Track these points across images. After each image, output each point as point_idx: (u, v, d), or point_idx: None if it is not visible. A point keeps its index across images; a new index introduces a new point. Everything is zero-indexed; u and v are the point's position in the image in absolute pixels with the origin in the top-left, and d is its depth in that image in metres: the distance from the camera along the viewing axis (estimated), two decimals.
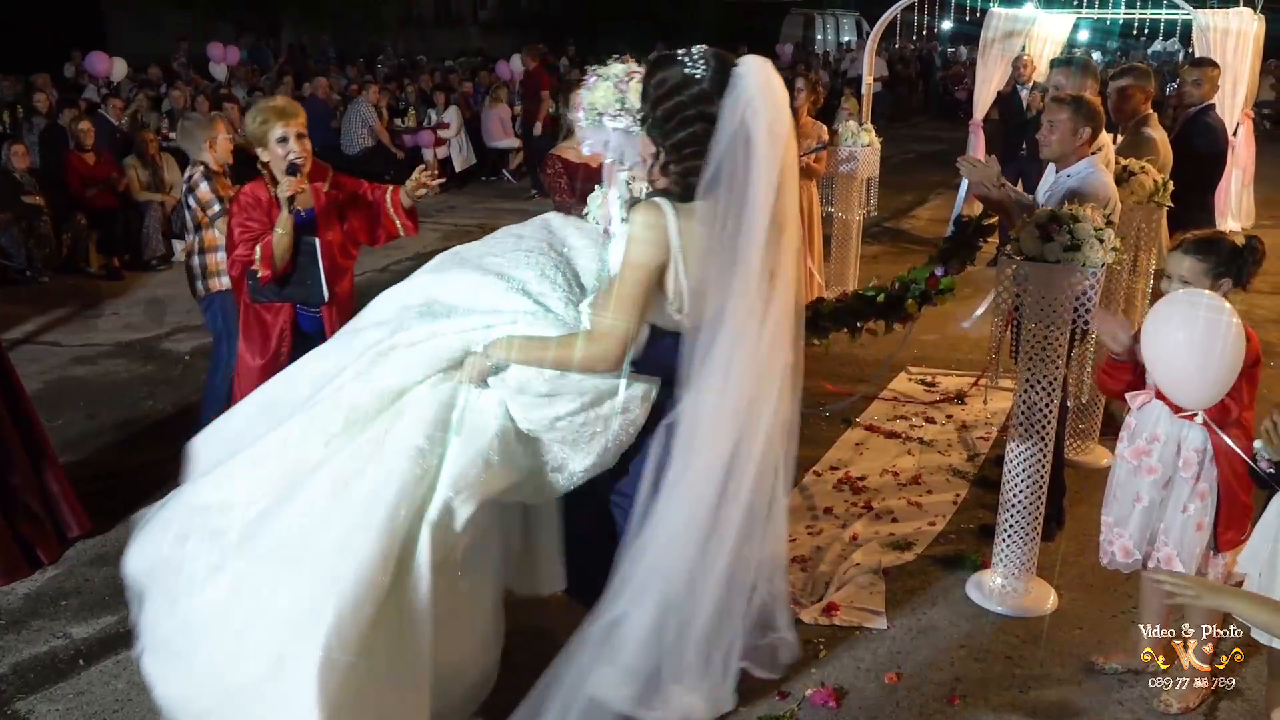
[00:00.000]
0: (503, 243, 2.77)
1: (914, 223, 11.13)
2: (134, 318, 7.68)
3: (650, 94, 2.43)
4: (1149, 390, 3.15)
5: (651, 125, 2.44)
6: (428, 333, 2.56)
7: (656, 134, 2.43)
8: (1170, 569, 3.09)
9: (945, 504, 4.66)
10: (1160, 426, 3.13)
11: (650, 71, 2.43)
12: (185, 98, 11.94)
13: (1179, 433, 3.09)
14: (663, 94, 2.39)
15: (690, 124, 2.37)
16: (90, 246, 8.87)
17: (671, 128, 2.39)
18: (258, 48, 19.66)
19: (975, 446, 5.29)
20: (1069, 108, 4.10)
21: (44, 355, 6.72)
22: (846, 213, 7.38)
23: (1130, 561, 3.24)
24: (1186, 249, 3.08)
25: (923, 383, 6.21)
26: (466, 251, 2.79)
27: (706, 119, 2.35)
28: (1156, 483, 3.14)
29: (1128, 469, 3.23)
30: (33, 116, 10.69)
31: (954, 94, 20.57)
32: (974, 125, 9.95)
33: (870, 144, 7.20)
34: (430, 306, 2.63)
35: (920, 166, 14.46)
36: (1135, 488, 3.20)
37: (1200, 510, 3.09)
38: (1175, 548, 3.12)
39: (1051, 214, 3.55)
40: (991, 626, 3.72)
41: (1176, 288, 3.03)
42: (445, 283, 2.68)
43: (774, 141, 2.34)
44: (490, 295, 2.59)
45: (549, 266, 2.64)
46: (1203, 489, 3.09)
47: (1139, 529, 3.19)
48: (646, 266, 2.38)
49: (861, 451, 5.23)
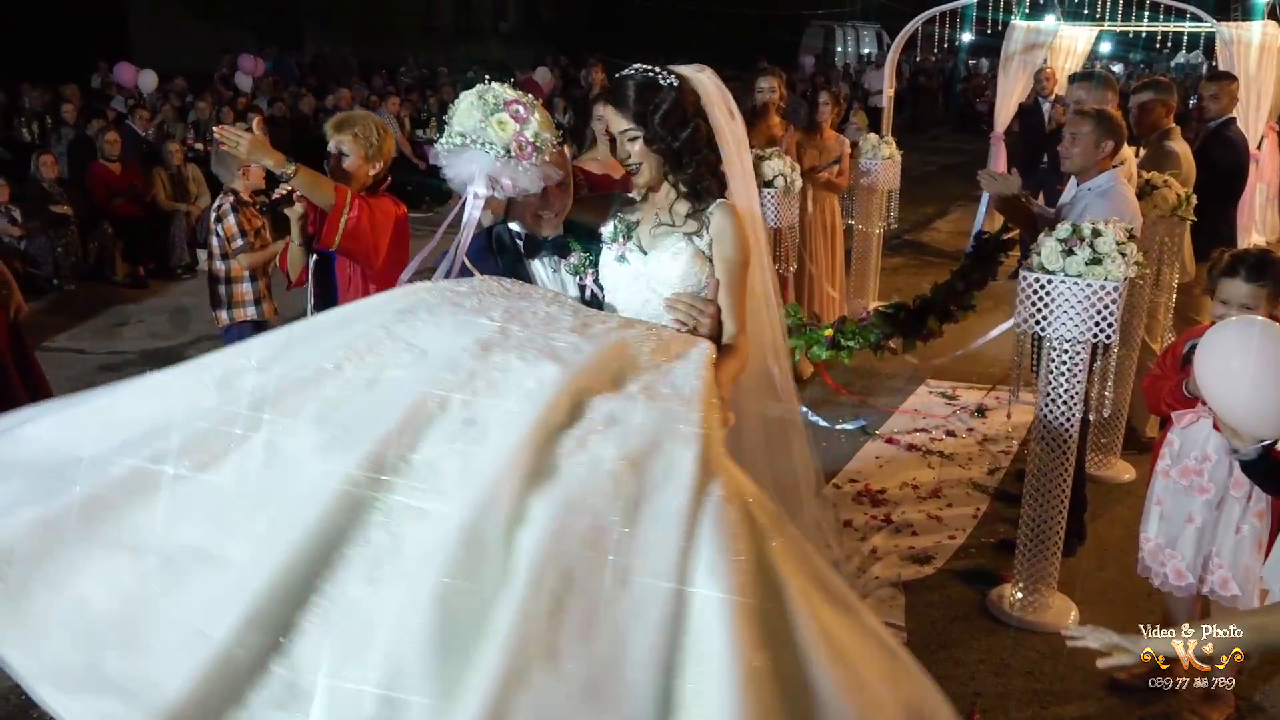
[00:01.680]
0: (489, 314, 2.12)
1: (935, 235, 11.11)
2: (159, 326, 7.77)
3: (641, 108, 2.42)
4: (1195, 410, 3.11)
5: (653, 138, 2.42)
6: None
7: (661, 146, 2.43)
8: (1228, 592, 3.07)
9: (965, 518, 4.65)
10: (1210, 445, 3.10)
11: (639, 91, 2.42)
12: (211, 109, 12.07)
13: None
14: (657, 105, 2.41)
15: (688, 123, 2.43)
16: (116, 255, 8.98)
17: (677, 133, 2.42)
18: (282, 59, 19.85)
19: (996, 460, 5.27)
20: (1092, 120, 4.10)
21: (71, 362, 6.81)
22: (867, 225, 7.39)
23: (1184, 585, 3.20)
24: (1240, 273, 3.01)
25: (943, 396, 6.20)
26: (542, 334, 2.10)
27: (700, 115, 2.46)
28: (1209, 503, 3.12)
29: (1175, 488, 3.20)
30: (61, 127, 10.83)
31: (975, 106, 20.53)
32: (995, 138, 9.94)
33: (890, 157, 7.20)
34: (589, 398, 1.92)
35: (941, 179, 14.43)
36: (1186, 508, 3.17)
37: (1258, 530, 3.06)
38: (1230, 570, 3.09)
39: (1073, 228, 3.54)
40: (1012, 641, 3.71)
41: (1233, 314, 2.94)
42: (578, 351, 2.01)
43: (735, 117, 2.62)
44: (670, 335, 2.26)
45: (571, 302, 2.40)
46: (1259, 508, 3.05)
47: (1193, 551, 3.16)
48: (749, 258, 2.51)
49: (881, 464, 5.22)
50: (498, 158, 2.37)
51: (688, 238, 2.46)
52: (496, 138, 2.37)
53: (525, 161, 2.38)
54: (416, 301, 2.15)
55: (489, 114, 2.38)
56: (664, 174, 2.48)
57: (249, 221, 4.77)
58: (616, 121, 2.45)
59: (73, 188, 9.08)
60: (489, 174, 2.41)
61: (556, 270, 2.71)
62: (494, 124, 2.38)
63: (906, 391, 6.18)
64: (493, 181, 2.42)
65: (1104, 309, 3.51)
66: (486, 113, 2.39)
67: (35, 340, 6.99)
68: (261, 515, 1.71)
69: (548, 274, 2.71)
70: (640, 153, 2.45)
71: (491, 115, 2.38)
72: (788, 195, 5.51)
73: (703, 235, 2.47)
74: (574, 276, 2.68)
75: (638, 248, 2.53)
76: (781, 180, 5.47)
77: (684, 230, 2.47)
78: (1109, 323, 3.51)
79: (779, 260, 5.78)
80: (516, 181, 2.41)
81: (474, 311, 2.12)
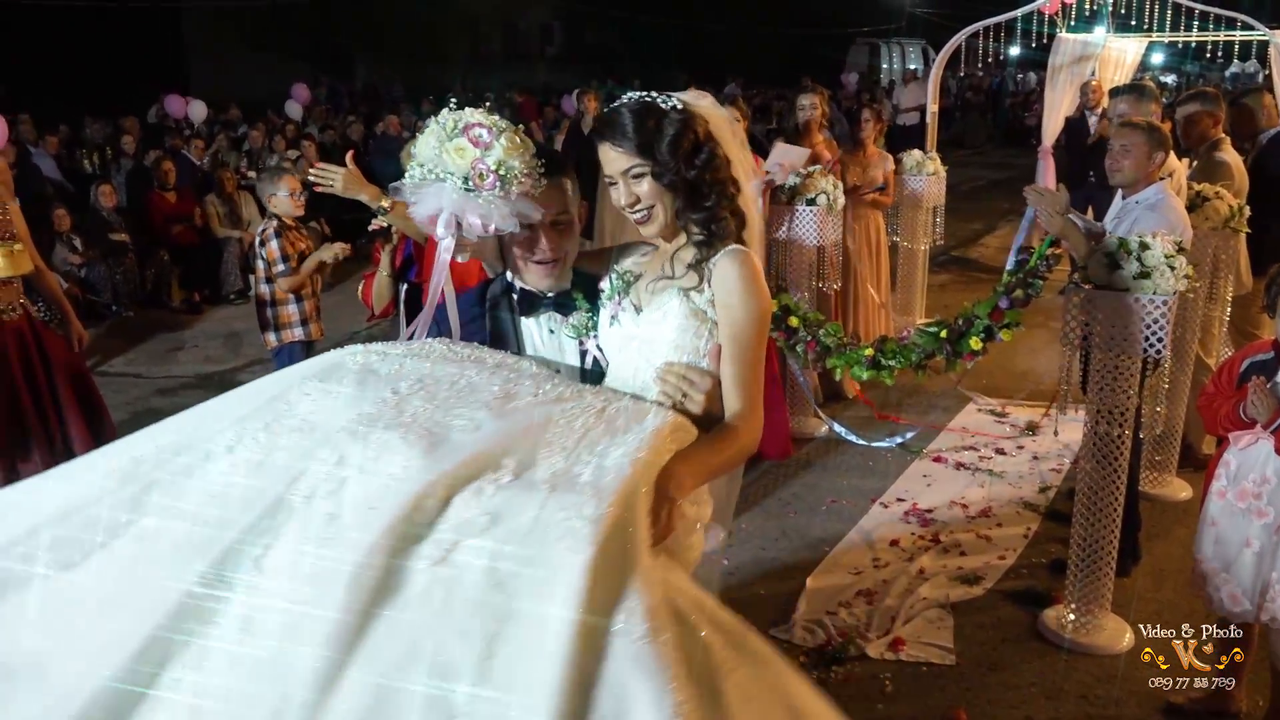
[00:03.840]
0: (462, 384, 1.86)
1: (983, 251, 10.99)
2: (213, 350, 7.93)
3: (645, 138, 1.99)
4: (1254, 431, 3.04)
5: (664, 169, 2.00)
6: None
7: (674, 178, 2.01)
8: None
9: (1016, 537, 4.57)
10: (1270, 468, 3.02)
11: (637, 118, 2.00)
12: (264, 137, 12.34)
13: None
14: (662, 130, 2.00)
15: (702, 148, 2.02)
16: (172, 281, 9.21)
17: (691, 159, 2.01)
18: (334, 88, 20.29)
19: (1047, 478, 5.18)
20: (1143, 132, 4.04)
21: (128, 386, 6.97)
22: (912, 242, 7.33)
23: (1240, 610, 3.12)
24: None
25: (991, 413, 6.11)
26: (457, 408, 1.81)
27: (713, 140, 2.04)
28: (1268, 527, 3.04)
29: (1232, 511, 3.12)
30: (120, 158, 11.15)
31: (1023, 120, 20.31)
32: (1043, 152, 9.82)
33: (935, 173, 7.15)
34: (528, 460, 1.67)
35: (989, 194, 14.28)
36: (1244, 532, 3.09)
37: None
38: None
39: (1120, 241, 3.49)
40: (1064, 664, 3.63)
41: None
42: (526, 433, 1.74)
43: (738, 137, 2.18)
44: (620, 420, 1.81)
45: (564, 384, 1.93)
46: None
47: (1250, 576, 3.08)
48: (767, 321, 2.05)
49: (929, 483, 5.16)
50: (455, 190, 2.05)
51: (684, 294, 2.02)
52: (454, 166, 2.05)
53: (486, 193, 2.03)
54: (332, 366, 1.89)
55: (445, 140, 2.07)
56: (678, 216, 2.04)
57: (291, 245, 4.86)
58: (616, 160, 2.02)
59: (130, 217, 9.34)
60: (451, 210, 2.07)
61: (554, 332, 2.24)
62: (451, 150, 2.06)
63: (954, 409, 6.10)
64: (455, 219, 2.08)
65: (1153, 323, 3.44)
66: (442, 139, 2.07)
67: (94, 365, 7.19)
68: (104, 625, 1.51)
69: (542, 336, 2.25)
70: (650, 191, 2.01)
71: (449, 141, 2.06)
72: (830, 212, 5.49)
73: (703, 290, 2.01)
74: (574, 339, 2.23)
75: (632, 306, 2.11)
76: (824, 198, 5.45)
77: (681, 284, 2.03)
78: (1159, 337, 3.45)
79: (822, 278, 5.76)
80: (486, 219, 2.06)
81: (384, 379, 1.83)
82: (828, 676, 3.55)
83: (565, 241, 2.18)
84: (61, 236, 8.49)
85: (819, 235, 5.48)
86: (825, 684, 3.50)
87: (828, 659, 3.65)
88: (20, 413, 4.06)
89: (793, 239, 5.51)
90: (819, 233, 5.47)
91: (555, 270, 2.19)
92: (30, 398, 4.09)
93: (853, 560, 4.37)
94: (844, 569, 4.30)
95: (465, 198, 2.05)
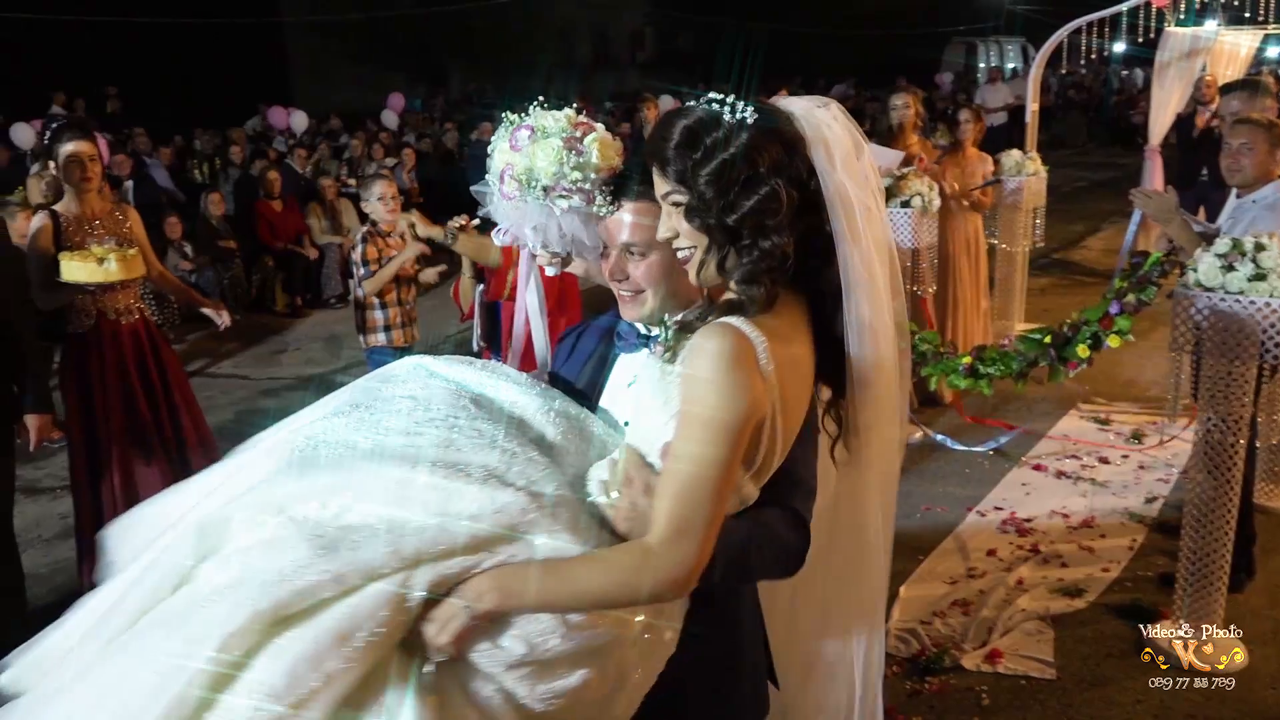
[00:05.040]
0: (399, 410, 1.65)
1: (1085, 254, 10.66)
2: (314, 353, 8.19)
3: (684, 163, 1.55)
4: None
5: (697, 206, 1.56)
6: (356, 575, 1.44)
7: (707, 221, 1.56)
8: None
9: (1120, 549, 4.41)
10: None
11: (687, 136, 1.55)
12: (363, 146, 12.69)
13: None
14: (707, 154, 1.54)
15: (756, 186, 1.53)
16: (276, 286, 9.53)
17: (730, 198, 1.53)
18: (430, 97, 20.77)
19: (1154, 489, 4.99)
20: (1263, 130, 3.87)
21: (234, 388, 7.24)
22: (1012, 244, 7.15)
23: None
24: None
25: (1095, 420, 5.91)
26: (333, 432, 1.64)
27: (778, 172, 1.54)
28: None
29: None
30: (229, 168, 11.60)
31: (1129, 118, 19.63)
32: (1150, 151, 9.47)
33: (1035, 173, 6.96)
34: (346, 535, 1.47)
35: (1091, 195, 13.86)
36: None
37: None
38: None
39: (1233, 242, 3.35)
40: (1172, 683, 3.49)
41: None
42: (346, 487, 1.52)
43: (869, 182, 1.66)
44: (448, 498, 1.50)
45: (501, 435, 1.60)
46: None
47: None
48: (731, 427, 1.46)
49: (1028, 492, 5.02)
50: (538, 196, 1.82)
51: (663, 370, 1.60)
52: (544, 170, 1.82)
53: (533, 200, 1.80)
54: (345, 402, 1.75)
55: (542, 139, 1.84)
56: (720, 269, 1.60)
57: (377, 250, 4.97)
58: (658, 184, 1.62)
59: (238, 224, 9.70)
60: (534, 223, 1.84)
61: (632, 384, 1.82)
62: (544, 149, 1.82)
63: (1054, 416, 5.93)
64: (542, 232, 1.85)
65: (1269, 328, 3.29)
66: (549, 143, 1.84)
67: (203, 367, 7.49)
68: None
69: (624, 382, 1.84)
70: (689, 230, 1.59)
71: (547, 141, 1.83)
72: (925, 215, 5.39)
73: (674, 363, 1.57)
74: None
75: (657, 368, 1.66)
76: (919, 200, 5.36)
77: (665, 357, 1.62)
78: (1275, 343, 3.29)
79: (918, 282, 5.66)
80: (567, 231, 1.81)
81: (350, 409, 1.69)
82: (921, 687, 3.48)
83: (643, 270, 1.75)
84: (173, 243, 8.87)
85: (914, 238, 5.39)
86: (919, 695, 3.44)
87: (922, 669, 3.58)
88: (137, 417, 4.22)
89: None
90: (914, 235, 5.38)
91: (635, 303, 1.78)
92: (146, 402, 4.25)
93: (948, 569, 4.28)
94: (939, 578, 4.21)
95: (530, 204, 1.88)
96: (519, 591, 1.45)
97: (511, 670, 1.48)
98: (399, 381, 1.73)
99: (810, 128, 1.59)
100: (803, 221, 1.57)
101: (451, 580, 1.46)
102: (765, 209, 1.53)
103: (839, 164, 1.59)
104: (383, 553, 1.44)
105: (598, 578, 1.47)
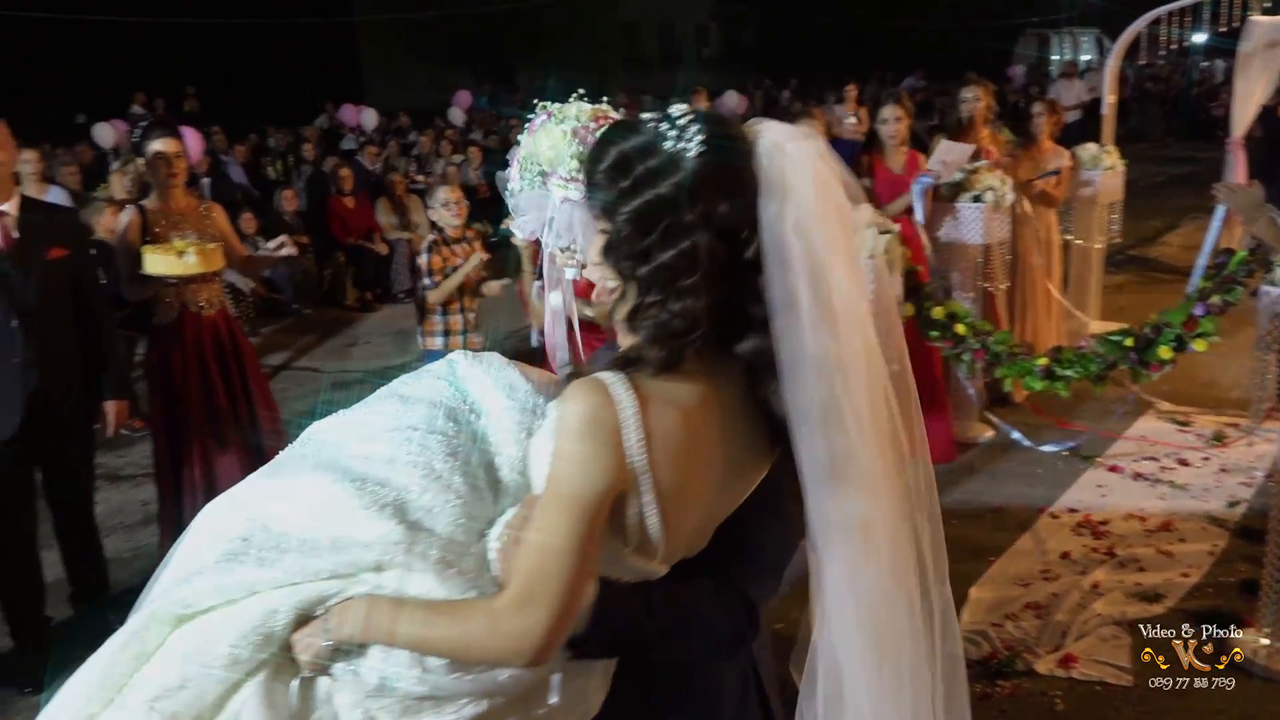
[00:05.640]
0: (381, 411, 1.62)
1: (1164, 250, 10.38)
2: (383, 347, 8.33)
3: (608, 195, 1.39)
4: None
5: (613, 246, 1.40)
6: (237, 588, 1.44)
7: (619, 258, 1.40)
8: None
9: (1200, 554, 4.29)
10: None
11: (617, 163, 1.38)
12: (431, 143, 12.86)
13: None
14: (629, 191, 1.36)
15: (676, 238, 1.34)
16: (347, 281, 9.70)
17: (645, 245, 1.36)
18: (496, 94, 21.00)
19: (1236, 493, 4.84)
20: None
21: (306, 380, 7.40)
22: (1087, 240, 6.98)
23: None
24: None
25: (1174, 421, 5.75)
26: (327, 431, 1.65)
27: (707, 224, 1.33)
28: None
29: None
30: (301, 165, 11.84)
31: (1209, 111, 19.06)
32: (1233, 145, 9.17)
33: (1112, 167, 6.79)
34: (250, 539, 1.48)
35: (1170, 190, 13.48)
36: None
37: None
38: None
39: None
40: (1256, 693, 3.38)
41: None
42: (284, 495, 1.53)
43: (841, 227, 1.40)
44: (339, 518, 1.46)
45: (440, 456, 1.50)
46: None
47: None
48: (582, 499, 1.34)
49: (1104, 494, 4.90)
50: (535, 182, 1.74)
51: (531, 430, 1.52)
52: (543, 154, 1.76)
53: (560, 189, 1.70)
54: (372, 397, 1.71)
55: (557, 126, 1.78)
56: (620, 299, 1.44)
57: (442, 260, 5.01)
58: (587, 203, 1.49)
59: (310, 219, 9.89)
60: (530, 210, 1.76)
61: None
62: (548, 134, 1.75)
63: (1132, 415, 5.78)
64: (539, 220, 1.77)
65: None
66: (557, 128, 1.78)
67: (277, 360, 7.67)
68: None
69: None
70: (607, 264, 1.43)
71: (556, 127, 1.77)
72: (997, 210, 5.30)
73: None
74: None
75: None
76: (991, 194, 5.26)
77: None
78: None
79: (990, 278, 5.56)
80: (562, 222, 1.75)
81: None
82: (992, 690, 3.42)
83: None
84: (248, 239, 9.07)
85: (985, 233, 5.29)
86: (990, 698, 3.38)
87: (992, 672, 3.52)
88: (217, 406, 4.34)
89: (954, 239, 5.33)
90: (985, 231, 5.29)
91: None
92: (225, 392, 4.36)
93: (1020, 571, 4.20)
94: (1011, 580, 4.13)
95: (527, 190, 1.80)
96: (378, 625, 1.39)
97: (371, 699, 1.43)
98: (416, 380, 1.66)
99: (770, 169, 1.34)
100: (730, 284, 1.36)
101: (328, 600, 1.43)
102: (679, 266, 1.33)
103: (794, 218, 1.33)
104: (258, 567, 1.45)
105: (447, 629, 1.37)
